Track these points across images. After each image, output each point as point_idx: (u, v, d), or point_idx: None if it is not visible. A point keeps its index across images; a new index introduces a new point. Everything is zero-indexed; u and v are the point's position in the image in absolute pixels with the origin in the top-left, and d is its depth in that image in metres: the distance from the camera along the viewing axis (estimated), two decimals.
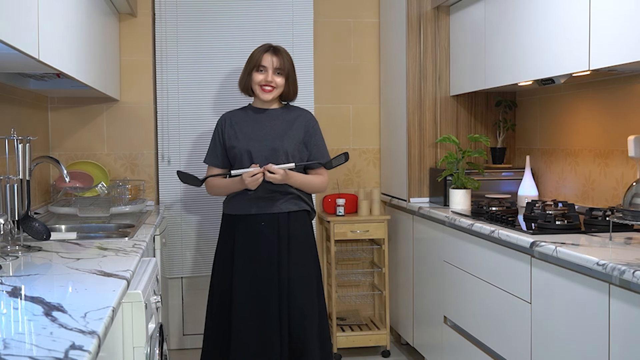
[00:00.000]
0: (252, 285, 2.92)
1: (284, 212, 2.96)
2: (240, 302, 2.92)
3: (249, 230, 2.96)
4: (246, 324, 2.91)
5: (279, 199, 2.96)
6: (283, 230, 2.95)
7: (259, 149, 2.95)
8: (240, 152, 2.97)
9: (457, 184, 3.33)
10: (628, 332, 1.87)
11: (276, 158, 2.93)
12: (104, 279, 1.78)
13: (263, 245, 2.94)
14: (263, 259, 2.93)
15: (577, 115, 3.18)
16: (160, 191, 3.85)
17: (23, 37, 1.79)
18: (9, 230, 2.20)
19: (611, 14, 2.30)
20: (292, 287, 2.93)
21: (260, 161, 2.92)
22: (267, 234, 2.94)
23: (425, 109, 3.68)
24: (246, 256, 2.94)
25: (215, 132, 3.10)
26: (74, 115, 3.75)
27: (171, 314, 3.96)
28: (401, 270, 3.86)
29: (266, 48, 3.04)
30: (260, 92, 3.00)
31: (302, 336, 2.92)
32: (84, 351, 1.18)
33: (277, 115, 3.05)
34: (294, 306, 2.92)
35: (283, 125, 3.01)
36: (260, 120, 3.03)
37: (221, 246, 3.05)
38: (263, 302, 2.91)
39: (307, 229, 3.03)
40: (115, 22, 3.64)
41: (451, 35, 3.66)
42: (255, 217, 2.95)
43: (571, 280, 2.14)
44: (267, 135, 2.98)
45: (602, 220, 2.52)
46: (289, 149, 2.96)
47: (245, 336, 2.90)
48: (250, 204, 2.96)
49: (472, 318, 2.92)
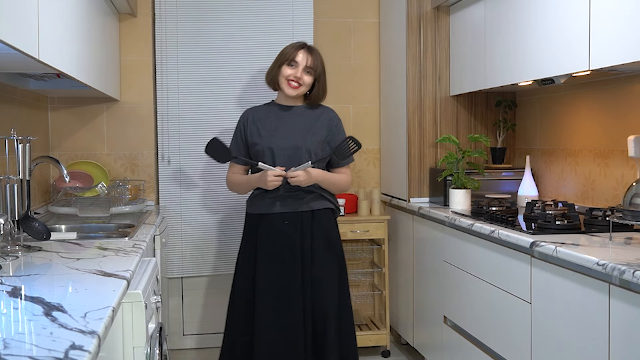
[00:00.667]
0: (275, 284, 2.90)
1: (307, 211, 2.94)
2: (263, 301, 2.90)
3: (272, 229, 2.93)
4: (270, 323, 2.88)
5: (303, 197, 2.93)
6: (306, 229, 2.93)
7: (282, 146, 2.93)
8: (262, 149, 2.95)
9: (457, 184, 3.33)
10: (628, 332, 1.87)
11: (299, 156, 2.91)
12: (104, 279, 1.78)
13: (286, 244, 2.91)
14: (286, 258, 2.90)
15: (577, 115, 3.18)
16: (160, 191, 3.85)
17: (23, 37, 1.79)
18: (9, 230, 2.20)
19: (611, 14, 2.30)
20: (316, 286, 2.90)
21: (282, 158, 2.91)
22: (290, 233, 2.91)
23: (425, 109, 3.68)
24: (269, 255, 2.92)
25: (237, 128, 3.08)
26: (74, 115, 3.75)
27: (171, 314, 3.96)
28: (401, 270, 3.86)
29: (301, 45, 3.02)
30: (285, 87, 2.97)
31: (325, 335, 2.90)
32: (84, 351, 1.18)
33: (301, 112, 3.03)
34: (317, 305, 2.90)
35: (306, 122, 2.99)
36: (284, 117, 3.01)
37: (244, 245, 3.03)
38: (286, 301, 2.89)
39: (331, 227, 3.00)
40: (115, 22, 3.64)
41: (451, 35, 3.66)
42: (278, 215, 2.93)
43: (571, 280, 2.14)
44: (290, 133, 2.96)
45: (602, 220, 2.52)
46: (312, 147, 2.94)
47: (269, 335, 2.87)
48: (273, 202, 2.93)
49: (472, 318, 2.92)
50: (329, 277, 2.95)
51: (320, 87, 3.02)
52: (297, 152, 2.92)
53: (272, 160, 2.93)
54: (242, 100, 3.86)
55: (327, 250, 2.96)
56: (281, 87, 3.00)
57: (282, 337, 2.88)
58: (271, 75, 3.04)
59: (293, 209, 2.93)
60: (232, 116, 3.83)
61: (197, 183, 3.85)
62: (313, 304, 2.91)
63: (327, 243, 2.97)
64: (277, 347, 2.88)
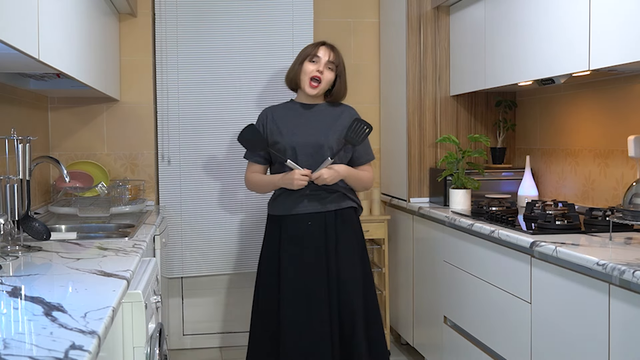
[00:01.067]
0: (300, 285, 2.87)
1: (331, 211, 2.92)
2: (288, 302, 2.87)
3: (296, 229, 2.91)
4: (295, 324, 2.85)
5: (325, 197, 2.92)
6: (330, 229, 2.91)
7: (304, 144, 2.91)
8: (284, 148, 2.92)
9: (457, 184, 3.33)
10: (628, 332, 1.87)
11: (321, 154, 2.90)
12: (104, 279, 1.78)
13: (311, 244, 2.89)
14: (311, 259, 2.88)
15: (577, 115, 3.18)
16: (160, 191, 3.85)
17: (23, 37, 1.79)
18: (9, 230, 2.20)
19: (611, 14, 2.30)
20: (342, 286, 2.88)
21: (304, 157, 2.89)
22: (314, 233, 2.90)
23: (425, 109, 3.68)
24: (294, 256, 2.90)
25: None
26: (74, 115, 3.75)
27: (171, 314, 3.97)
28: (401, 270, 3.86)
29: (321, 42, 3.02)
30: (306, 86, 2.95)
31: (354, 336, 2.87)
32: (84, 351, 1.18)
33: (322, 110, 3.02)
34: (344, 306, 2.88)
35: (328, 120, 2.98)
36: (305, 115, 2.99)
37: (267, 247, 2.99)
38: (312, 302, 2.86)
39: (354, 226, 2.98)
40: (115, 22, 3.64)
41: (451, 35, 3.66)
42: (302, 216, 2.91)
43: (571, 280, 2.14)
44: (311, 131, 2.94)
45: (602, 220, 2.52)
46: (334, 145, 2.92)
47: (295, 335, 2.85)
48: (296, 203, 2.91)
49: (472, 318, 2.92)
50: (354, 277, 2.92)
51: (341, 84, 3.01)
52: (319, 149, 2.90)
53: (294, 158, 2.90)
54: (242, 100, 3.86)
55: (352, 249, 2.94)
56: (302, 86, 2.97)
57: (309, 337, 2.85)
58: (292, 74, 3.01)
59: (317, 209, 2.91)
60: (232, 116, 3.84)
61: (197, 183, 3.85)
62: (340, 304, 2.88)
63: (352, 242, 2.95)
64: (304, 348, 2.85)
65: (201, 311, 4.04)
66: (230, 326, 4.06)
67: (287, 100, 3.11)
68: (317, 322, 2.85)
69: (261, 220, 3.89)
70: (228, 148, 3.85)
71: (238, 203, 3.88)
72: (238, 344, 4.01)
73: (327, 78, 2.96)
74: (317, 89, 2.95)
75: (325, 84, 2.96)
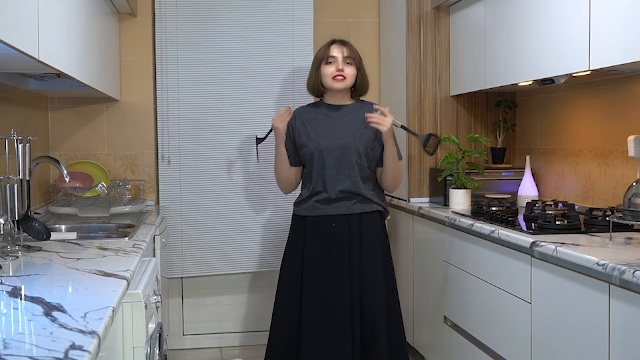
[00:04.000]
0: (323, 286, 2.86)
1: (355, 214, 2.89)
2: (311, 304, 2.86)
3: (321, 231, 2.89)
4: (318, 324, 2.84)
5: (351, 200, 2.90)
6: (355, 232, 2.88)
7: (330, 147, 2.89)
8: (311, 151, 2.91)
9: (457, 184, 3.33)
10: (628, 332, 1.87)
11: (348, 157, 2.87)
12: (104, 279, 1.78)
13: (334, 246, 2.87)
14: (334, 261, 2.86)
15: (577, 115, 3.18)
16: (160, 191, 3.85)
17: (23, 37, 1.79)
18: (9, 230, 2.20)
19: (611, 14, 2.30)
20: (364, 289, 2.86)
21: (331, 160, 2.88)
22: (338, 236, 2.87)
23: (425, 109, 3.68)
24: (317, 257, 2.88)
25: (287, 130, 2.99)
26: (74, 115, 3.75)
27: (171, 314, 3.97)
28: (401, 270, 3.86)
29: (331, 41, 2.98)
30: (332, 83, 2.90)
31: (375, 338, 2.85)
32: (84, 351, 1.18)
33: (350, 111, 2.97)
34: (365, 309, 2.86)
35: (355, 122, 2.93)
36: (334, 117, 2.96)
37: (291, 247, 2.98)
38: (334, 303, 2.85)
39: (379, 230, 2.95)
40: (115, 22, 3.64)
41: (451, 35, 3.66)
42: (327, 218, 2.89)
43: (571, 280, 2.14)
44: (339, 133, 2.91)
45: (602, 220, 2.52)
46: (361, 148, 2.89)
47: (316, 339, 2.84)
48: (321, 205, 2.90)
49: (472, 318, 2.92)
50: (377, 281, 2.89)
51: (363, 77, 2.97)
52: (346, 152, 2.88)
53: (321, 161, 2.89)
54: (243, 100, 3.86)
55: (376, 253, 2.91)
56: (327, 87, 2.94)
57: (330, 337, 2.83)
58: (312, 81, 2.98)
59: (342, 212, 2.89)
60: (232, 116, 3.84)
61: (197, 183, 3.85)
62: (361, 307, 2.86)
63: (376, 246, 2.92)
64: (325, 347, 2.84)
65: (201, 311, 4.03)
66: (230, 326, 4.05)
67: (316, 100, 3.08)
68: (339, 323, 2.83)
69: (261, 220, 3.90)
70: (228, 148, 3.85)
71: (238, 203, 3.87)
72: (238, 344, 4.01)
73: (350, 73, 2.92)
74: (344, 82, 2.91)
75: (350, 78, 2.92)
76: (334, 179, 2.89)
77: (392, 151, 2.91)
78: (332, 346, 2.83)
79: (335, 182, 2.88)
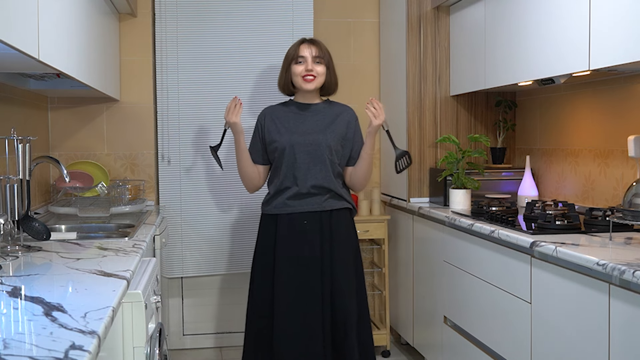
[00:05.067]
0: (294, 284, 2.88)
1: (326, 210, 2.92)
2: (282, 302, 2.88)
3: (292, 229, 2.91)
4: (290, 322, 2.87)
5: (322, 195, 2.92)
6: (325, 229, 2.91)
7: (301, 142, 2.92)
8: (282, 146, 2.93)
9: (457, 184, 3.33)
10: (628, 332, 1.87)
11: (320, 152, 2.90)
12: (104, 279, 1.78)
13: (306, 244, 2.89)
14: (306, 258, 2.88)
15: (577, 115, 3.18)
16: (160, 191, 3.85)
17: (23, 37, 1.79)
18: (9, 230, 2.20)
19: (611, 14, 2.30)
20: (336, 286, 2.89)
21: (302, 155, 2.90)
22: (310, 233, 2.90)
23: (425, 109, 3.68)
24: (289, 255, 2.90)
25: (255, 128, 3.06)
26: (74, 115, 3.75)
27: (171, 314, 3.97)
28: (401, 270, 3.86)
29: (300, 40, 3.02)
30: (302, 83, 2.95)
31: (346, 335, 2.88)
32: (84, 351, 1.18)
33: (320, 109, 3.02)
34: (338, 305, 2.89)
35: (326, 119, 2.98)
36: (303, 115, 3.00)
37: (261, 246, 2.99)
38: (306, 300, 2.87)
39: (349, 227, 2.99)
40: (115, 22, 3.64)
41: (451, 35, 3.66)
42: (298, 215, 2.91)
43: (571, 280, 2.14)
44: (309, 129, 2.95)
45: (602, 220, 2.52)
46: (332, 143, 2.93)
47: (289, 337, 2.86)
48: (291, 202, 2.92)
49: (472, 318, 2.92)
50: (348, 278, 2.93)
51: (331, 76, 3.01)
52: (317, 148, 2.91)
53: (292, 156, 2.91)
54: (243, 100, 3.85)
55: (346, 250, 2.94)
56: (298, 86, 2.98)
57: (302, 335, 2.86)
58: (283, 80, 3.02)
59: (313, 209, 2.91)
60: None
61: (197, 183, 3.85)
62: (333, 304, 2.89)
63: (346, 243, 2.95)
64: (297, 347, 2.86)
65: (201, 311, 4.03)
66: (230, 326, 4.05)
67: (286, 100, 3.12)
68: (311, 322, 2.86)
69: None
70: (228, 148, 3.85)
71: (238, 203, 3.87)
72: (238, 344, 4.01)
73: (320, 72, 2.96)
74: (314, 82, 2.95)
75: (320, 77, 2.97)
76: (305, 174, 2.91)
77: (372, 148, 2.98)
78: (305, 345, 2.86)
79: (307, 176, 2.90)
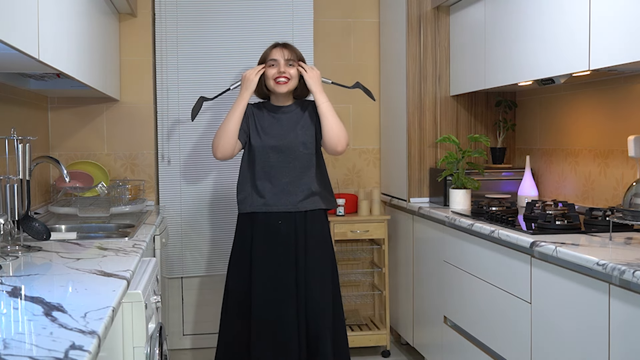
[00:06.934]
0: (270, 284, 2.92)
1: (301, 211, 2.97)
2: (258, 301, 2.92)
3: (267, 228, 2.96)
4: (265, 322, 2.90)
5: (296, 194, 2.96)
6: (300, 229, 2.96)
7: (275, 144, 2.98)
8: (258, 146, 2.99)
9: (457, 184, 3.33)
10: (628, 332, 1.87)
11: (294, 151, 2.97)
12: (104, 279, 1.78)
13: (281, 243, 2.94)
14: (281, 257, 2.93)
15: (577, 115, 3.18)
16: (160, 191, 3.85)
17: (23, 37, 1.79)
18: (9, 230, 2.20)
19: (611, 14, 2.30)
20: (310, 286, 2.93)
21: (277, 154, 2.97)
22: (285, 232, 2.95)
23: (425, 109, 3.68)
24: (264, 254, 2.95)
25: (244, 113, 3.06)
26: (74, 115, 3.75)
27: (171, 314, 3.97)
28: (401, 270, 3.86)
29: (274, 44, 3.09)
30: (275, 86, 3.01)
31: (319, 335, 2.92)
32: (84, 351, 1.18)
33: (292, 109, 3.08)
34: (312, 305, 2.93)
35: (296, 118, 3.04)
36: (277, 117, 3.05)
37: (237, 246, 3.05)
38: (281, 300, 2.91)
39: (324, 228, 3.03)
40: (115, 22, 3.64)
41: (451, 35, 3.66)
42: (272, 215, 2.96)
43: (571, 280, 2.14)
44: (282, 130, 3.01)
45: (602, 220, 2.52)
46: (306, 139, 3.00)
47: (264, 336, 2.90)
48: (266, 200, 2.96)
49: (472, 318, 2.92)
50: (324, 277, 2.98)
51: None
52: (291, 146, 2.98)
53: (265, 155, 2.98)
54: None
55: (321, 250, 3.00)
56: (271, 89, 3.05)
57: (278, 336, 2.90)
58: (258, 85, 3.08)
59: (287, 209, 2.96)
60: None
61: (197, 183, 3.85)
62: (307, 304, 2.93)
63: (321, 243, 3.00)
64: (273, 347, 2.90)
65: (201, 311, 4.03)
66: None
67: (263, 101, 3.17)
68: (286, 324, 2.90)
69: None
70: None
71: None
72: None
73: (293, 74, 3.02)
74: (287, 85, 3.01)
75: (294, 79, 3.02)
76: (279, 171, 2.97)
77: (321, 99, 2.98)
78: (280, 346, 2.90)
79: (282, 173, 2.97)
